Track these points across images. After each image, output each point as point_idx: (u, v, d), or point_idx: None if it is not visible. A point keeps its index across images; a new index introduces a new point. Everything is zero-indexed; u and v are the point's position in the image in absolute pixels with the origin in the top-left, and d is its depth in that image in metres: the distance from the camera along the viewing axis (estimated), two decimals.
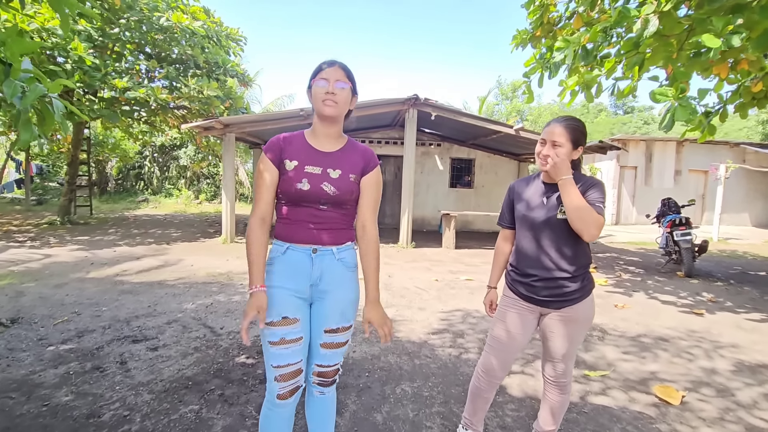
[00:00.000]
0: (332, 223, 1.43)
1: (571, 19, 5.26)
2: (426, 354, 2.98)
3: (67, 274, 4.95)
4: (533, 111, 31.37)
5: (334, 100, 1.36)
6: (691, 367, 2.94)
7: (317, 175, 1.38)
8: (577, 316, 1.63)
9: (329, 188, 1.38)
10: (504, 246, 1.88)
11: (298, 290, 1.41)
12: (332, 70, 1.38)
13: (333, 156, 1.43)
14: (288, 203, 1.41)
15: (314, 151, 1.42)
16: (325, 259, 1.42)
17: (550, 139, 1.61)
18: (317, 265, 1.41)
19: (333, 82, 1.36)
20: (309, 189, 1.37)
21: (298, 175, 1.37)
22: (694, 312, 4.27)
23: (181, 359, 2.74)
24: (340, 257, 1.44)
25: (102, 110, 7.71)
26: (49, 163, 16.32)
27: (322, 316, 1.44)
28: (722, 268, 7.03)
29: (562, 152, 1.59)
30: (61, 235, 7.97)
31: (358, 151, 1.48)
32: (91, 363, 2.63)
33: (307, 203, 1.39)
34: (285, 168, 1.38)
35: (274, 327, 1.36)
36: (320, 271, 1.41)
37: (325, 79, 1.36)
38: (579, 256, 1.63)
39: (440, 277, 5.62)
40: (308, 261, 1.40)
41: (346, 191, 1.41)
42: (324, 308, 1.44)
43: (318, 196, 1.38)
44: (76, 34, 6.99)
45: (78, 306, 3.75)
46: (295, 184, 1.37)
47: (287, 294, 1.39)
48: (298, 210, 1.40)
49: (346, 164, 1.43)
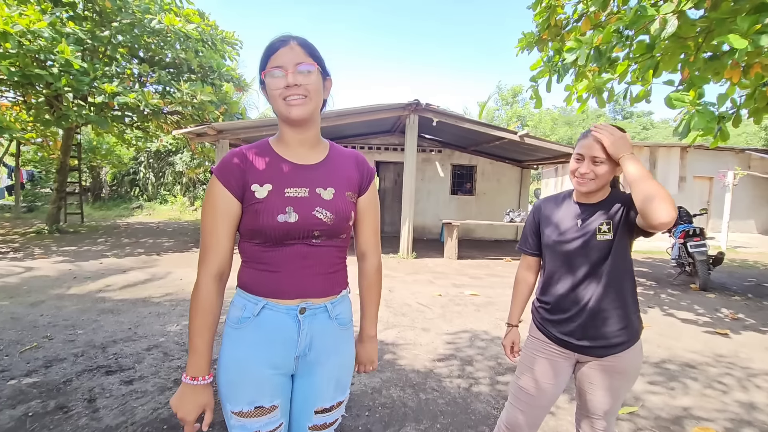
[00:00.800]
0: (325, 263, 1.06)
1: (579, 22, 5.04)
2: (432, 386, 2.68)
3: (47, 290, 4.64)
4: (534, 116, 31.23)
5: (299, 93, 0.97)
6: (726, 401, 2.65)
7: (304, 199, 1.00)
8: (624, 367, 1.34)
9: (324, 214, 1.01)
10: (527, 276, 1.59)
11: (278, 365, 1.02)
12: (287, 51, 0.97)
13: (319, 169, 1.06)
14: (263, 243, 1.01)
15: (292, 167, 1.03)
16: (317, 321, 1.04)
17: (588, 154, 1.32)
18: (306, 329, 1.03)
19: (292, 68, 0.97)
20: (297, 220, 0.98)
21: (278, 204, 0.98)
22: (717, 332, 3.98)
23: (158, 395, 2.43)
24: (336, 314, 1.08)
25: (90, 116, 7.42)
26: (41, 170, 15.99)
27: (311, 393, 1.08)
28: (736, 279, 6.76)
29: (604, 169, 1.31)
30: (47, 245, 7.65)
31: (349, 159, 1.13)
32: (55, 401, 2.32)
33: (293, 240, 1.01)
34: (254, 197, 0.98)
35: (244, 418, 1.00)
36: (310, 337, 1.04)
37: (279, 67, 0.97)
38: (625, 289, 1.34)
39: (443, 291, 5.32)
40: (293, 325, 1.02)
41: (345, 216, 1.05)
42: (314, 384, 1.08)
43: (310, 228, 1.00)
44: (63, 36, 6.71)
45: (51, 329, 3.44)
46: (275, 217, 0.97)
47: (262, 372, 1.00)
48: (279, 251, 1.01)
49: (338, 179, 1.07)
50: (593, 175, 1.32)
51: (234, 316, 1.04)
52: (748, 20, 2.79)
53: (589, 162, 1.32)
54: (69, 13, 7.72)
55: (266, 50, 1.00)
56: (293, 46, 0.98)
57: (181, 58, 8.46)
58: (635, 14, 3.27)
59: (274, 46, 0.99)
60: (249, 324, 1.02)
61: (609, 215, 1.34)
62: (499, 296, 5.16)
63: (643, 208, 1.16)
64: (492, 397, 2.55)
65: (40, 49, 6.41)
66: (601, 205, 1.37)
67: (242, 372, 1.00)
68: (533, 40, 5.42)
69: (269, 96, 1.01)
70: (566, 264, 1.39)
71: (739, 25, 2.83)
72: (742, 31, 2.81)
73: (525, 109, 32.26)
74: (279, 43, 0.99)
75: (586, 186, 1.34)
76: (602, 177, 1.31)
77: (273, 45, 0.99)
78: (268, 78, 0.99)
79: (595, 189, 1.34)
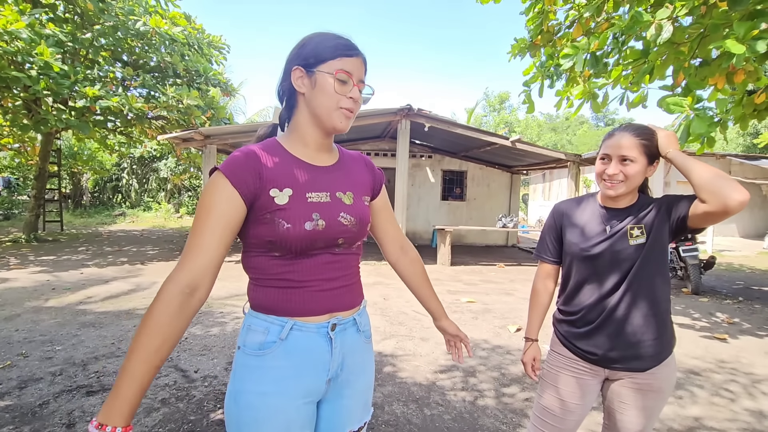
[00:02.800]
0: (349, 273, 0.98)
1: (571, 28, 5.05)
2: (437, 400, 2.56)
3: (22, 302, 4.38)
4: (520, 123, 31.63)
5: (354, 108, 0.92)
6: (735, 409, 2.59)
7: (327, 204, 0.91)
8: (659, 384, 1.25)
9: (348, 220, 0.93)
10: (546, 285, 1.48)
11: (309, 392, 0.91)
12: (359, 62, 0.91)
13: (335, 172, 0.97)
14: (283, 256, 0.89)
15: (310, 169, 0.93)
16: (347, 337, 0.96)
17: (616, 153, 1.23)
18: (338, 347, 0.93)
19: (357, 83, 0.91)
20: (325, 227, 0.89)
21: (303, 210, 0.87)
22: (716, 337, 3.96)
23: (144, 417, 2.26)
24: (362, 327, 1.01)
25: (71, 120, 7.15)
26: (19, 176, 15.45)
27: (341, 417, 0.98)
28: (725, 283, 6.83)
29: (635, 169, 1.22)
30: (24, 254, 7.31)
31: (359, 162, 1.07)
32: (29, 427, 2.13)
33: (318, 250, 0.90)
34: (273, 203, 0.86)
35: None
36: (342, 356, 0.94)
37: (348, 74, 0.89)
38: (659, 297, 1.25)
39: (440, 298, 5.21)
40: (326, 345, 0.91)
41: (366, 221, 1.00)
42: (344, 407, 0.98)
43: (336, 235, 0.91)
44: (43, 38, 6.47)
45: (27, 345, 3.22)
46: (302, 225, 0.86)
47: (293, 404, 0.88)
48: (302, 263, 0.89)
49: (354, 183, 1.00)
50: (623, 177, 1.23)
51: (254, 342, 0.89)
52: (744, 26, 2.78)
53: (617, 162, 1.24)
54: (49, 14, 7.46)
55: (334, 46, 0.90)
56: (362, 61, 0.93)
57: (167, 62, 8.26)
58: (631, 20, 3.26)
59: (346, 48, 0.90)
60: (275, 350, 0.88)
61: (640, 219, 1.25)
62: (495, 303, 5.08)
63: (714, 191, 1.08)
64: (499, 411, 2.44)
65: (18, 50, 6.16)
66: (630, 210, 1.28)
67: (271, 408, 0.86)
68: (526, 45, 5.41)
69: (322, 92, 0.89)
70: (593, 271, 1.30)
71: (736, 30, 2.82)
72: (738, 36, 2.81)
73: (512, 116, 32.65)
74: (352, 48, 0.91)
75: (615, 189, 1.25)
76: (633, 178, 1.22)
77: (344, 46, 0.90)
78: (338, 79, 0.88)
79: (625, 192, 1.25)
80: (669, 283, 1.29)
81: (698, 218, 1.16)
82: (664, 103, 3.15)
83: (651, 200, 1.29)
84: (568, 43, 4.37)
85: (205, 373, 2.83)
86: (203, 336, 3.54)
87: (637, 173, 1.22)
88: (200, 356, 3.11)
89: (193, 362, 3.00)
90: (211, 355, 3.13)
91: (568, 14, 4.96)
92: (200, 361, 3.03)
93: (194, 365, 2.95)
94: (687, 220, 1.19)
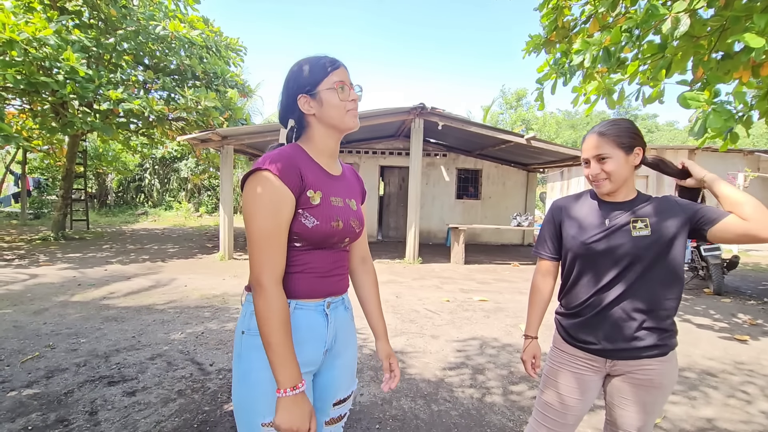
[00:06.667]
0: (344, 265, 1.14)
1: (587, 24, 4.97)
2: (444, 397, 2.59)
3: (50, 297, 4.59)
4: (538, 120, 31.14)
5: (356, 108, 1.07)
6: (751, 411, 2.54)
7: (343, 209, 1.07)
8: (660, 380, 1.25)
9: (356, 223, 1.11)
10: (546, 282, 1.48)
11: (310, 362, 1.03)
12: (345, 71, 1.06)
13: (343, 181, 1.13)
14: (304, 247, 1.02)
15: (330, 177, 1.08)
16: (339, 312, 1.11)
17: (592, 155, 1.28)
18: (333, 322, 1.08)
19: (350, 85, 1.06)
20: (342, 228, 1.05)
21: (329, 211, 1.02)
22: (736, 338, 3.85)
23: (161, 407, 2.36)
24: (348, 305, 1.18)
25: (95, 123, 7.42)
26: (48, 177, 16.08)
27: (332, 386, 1.12)
28: (750, 283, 6.61)
29: (613, 165, 1.24)
30: (53, 252, 7.63)
31: (352, 171, 1.24)
32: (55, 414, 2.25)
33: (330, 245, 1.06)
34: (309, 202, 0.99)
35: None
36: (335, 329, 1.09)
37: (343, 82, 1.03)
38: (660, 294, 1.24)
39: (451, 296, 5.22)
40: (322, 320, 1.05)
41: (363, 224, 1.18)
42: (335, 376, 1.12)
43: (346, 235, 1.08)
44: (69, 44, 6.73)
45: (54, 337, 3.38)
46: (329, 224, 1.01)
47: None
48: (312, 254, 1.03)
49: (354, 191, 1.17)
50: (605, 175, 1.27)
51: None
52: (765, 18, 2.71)
53: (596, 162, 1.28)
54: (75, 21, 7.75)
55: (320, 68, 1.03)
56: (345, 68, 1.07)
57: (186, 65, 8.47)
58: (646, 13, 3.20)
59: (329, 64, 1.03)
60: None
61: (640, 213, 1.27)
62: (508, 302, 5.06)
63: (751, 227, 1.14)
64: (507, 409, 2.45)
65: (46, 56, 6.42)
66: (629, 204, 1.30)
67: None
68: (540, 42, 5.35)
69: (330, 106, 1.02)
70: (593, 264, 1.30)
71: (756, 22, 2.75)
72: (758, 29, 2.73)
73: (529, 113, 32.16)
74: (334, 62, 1.04)
75: (602, 187, 1.29)
76: (615, 173, 1.25)
77: (328, 63, 1.03)
78: (339, 90, 1.02)
79: (613, 188, 1.28)
80: (679, 279, 1.26)
81: (727, 233, 1.17)
82: (681, 99, 3.09)
83: (650, 197, 1.31)
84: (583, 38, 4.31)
85: (220, 367, 2.92)
86: (219, 331, 3.65)
87: (617, 167, 1.25)
88: (216, 350, 3.21)
89: (209, 356, 3.10)
90: (226, 349, 3.23)
91: (584, 10, 4.89)
92: (216, 354, 3.13)
93: (210, 359, 3.05)
94: (709, 231, 1.20)
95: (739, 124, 3.51)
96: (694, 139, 3.15)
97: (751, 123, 3.68)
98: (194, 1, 8.63)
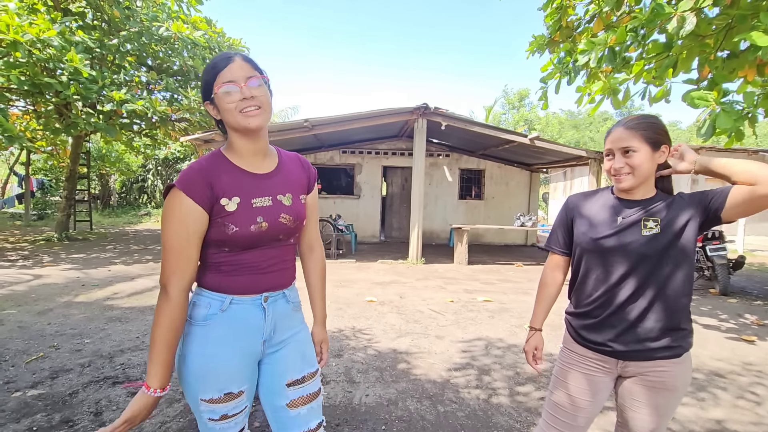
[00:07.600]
0: (284, 260, 1.16)
1: (591, 23, 4.95)
2: (450, 398, 2.57)
3: (54, 297, 4.60)
4: (541, 120, 31.08)
5: (254, 104, 1.02)
6: (761, 413, 2.51)
7: (270, 207, 1.08)
8: (672, 382, 1.23)
9: (287, 219, 1.12)
10: (555, 276, 1.46)
11: (247, 353, 1.10)
12: (235, 66, 1.02)
13: (275, 177, 1.13)
14: (233, 251, 1.06)
15: (254, 178, 1.09)
16: (278, 306, 1.15)
17: (618, 147, 1.23)
18: (270, 315, 1.12)
19: (243, 82, 1.01)
20: (268, 228, 1.07)
21: (249, 215, 1.04)
22: (743, 339, 3.82)
23: (165, 407, 2.35)
24: (291, 299, 1.20)
25: (99, 124, 7.43)
26: (51, 178, 16.13)
27: (280, 368, 1.16)
28: (756, 283, 6.57)
29: (639, 159, 1.21)
30: (57, 252, 7.65)
31: (296, 162, 1.22)
32: (60, 414, 2.24)
33: (260, 244, 1.09)
34: (224, 210, 1.02)
35: (213, 404, 1.06)
36: (273, 322, 1.14)
37: (231, 82, 1.01)
38: (672, 294, 1.22)
39: (455, 297, 5.20)
40: (259, 313, 1.10)
41: (301, 217, 1.18)
42: (281, 358, 1.16)
43: (277, 233, 1.10)
44: (72, 45, 6.75)
45: (59, 338, 3.38)
46: (248, 228, 1.04)
47: (232, 363, 1.07)
48: (245, 254, 1.08)
49: (292, 184, 1.17)
50: (629, 169, 1.22)
51: (199, 315, 1.07)
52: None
53: (621, 155, 1.23)
54: (78, 22, 7.78)
55: (211, 69, 1.03)
56: (239, 62, 1.02)
57: (189, 66, 8.48)
58: (652, 12, 3.17)
59: (219, 64, 1.02)
60: (216, 320, 1.06)
61: (654, 211, 1.24)
62: (512, 302, 5.04)
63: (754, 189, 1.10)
64: (513, 410, 2.43)
65: (50, 57, 6.44)
66: (645, 202, 1.26)
67: (213, 366, 1.05)
68: (544, 41, 5.33)
69: (223, 110, 1.03)
70: (602, 262, 1.28)
71: (762, 21, 2.72)
72: (764, 27, 2.71)
73: (532, 113, 32.10)
74: (224, 60, 1.02)
75: (624, 182, 1.24)
76: (640, 168, 1.21)
77: (218, 64, 1.02)
78: (222, 93, 1.01)
79: (635, 184, 1.23)
80: (690, 279, 1.24)
81: (738, 206, 1.14)
82: (688, 98, 3.05)
83: (669, 195, 1.28)
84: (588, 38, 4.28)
85: None
86: None
87: (642, 162, 1.21)
88: None
89: None
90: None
91: (588, 9, 4.86)
92: None
93: None
94: (723, 210, 1.16)
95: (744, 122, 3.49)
96: (702, 139, 3.12)
97: (756, 122, 3.65)
98: (197, 2, 8.65)
